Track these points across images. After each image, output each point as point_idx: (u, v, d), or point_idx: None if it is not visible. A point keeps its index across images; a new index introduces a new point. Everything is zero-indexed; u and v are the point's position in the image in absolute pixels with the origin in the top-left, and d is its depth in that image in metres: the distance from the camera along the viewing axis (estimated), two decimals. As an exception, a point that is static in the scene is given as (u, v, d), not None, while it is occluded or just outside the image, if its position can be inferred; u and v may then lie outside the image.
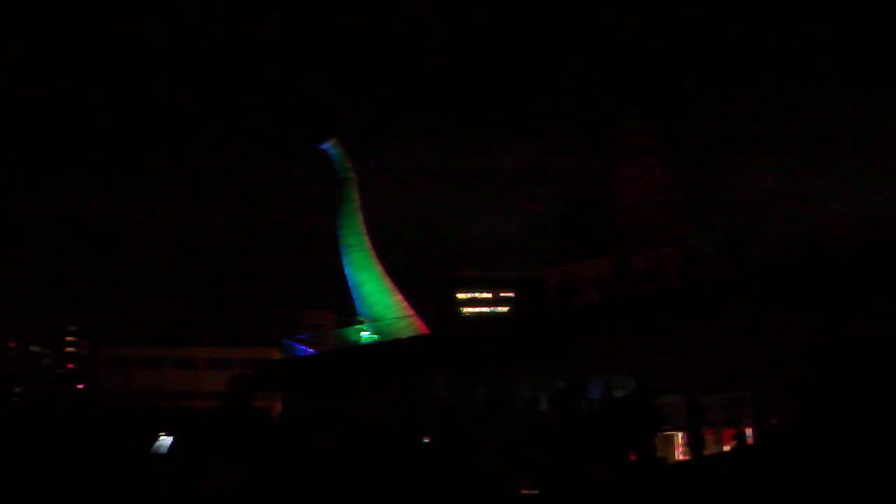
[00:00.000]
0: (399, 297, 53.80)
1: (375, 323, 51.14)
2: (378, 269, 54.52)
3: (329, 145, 55.73)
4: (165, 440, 14.72)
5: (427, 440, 16.84)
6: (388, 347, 42.98)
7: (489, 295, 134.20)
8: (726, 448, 27.98)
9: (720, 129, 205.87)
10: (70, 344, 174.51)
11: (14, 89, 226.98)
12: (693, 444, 23.93)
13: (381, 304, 52.78)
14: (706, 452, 25.12)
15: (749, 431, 27.87)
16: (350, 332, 52.33)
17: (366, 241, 55.09)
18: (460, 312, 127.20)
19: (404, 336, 45.51)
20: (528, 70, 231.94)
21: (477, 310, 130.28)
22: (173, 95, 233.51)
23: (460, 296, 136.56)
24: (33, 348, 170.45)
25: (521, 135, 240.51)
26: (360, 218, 55.48)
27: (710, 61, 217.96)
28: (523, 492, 16.21)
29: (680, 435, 30.40)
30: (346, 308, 62.35)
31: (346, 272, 54.79)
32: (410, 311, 52.23)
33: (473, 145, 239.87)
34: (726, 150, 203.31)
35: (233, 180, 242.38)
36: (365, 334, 50.70)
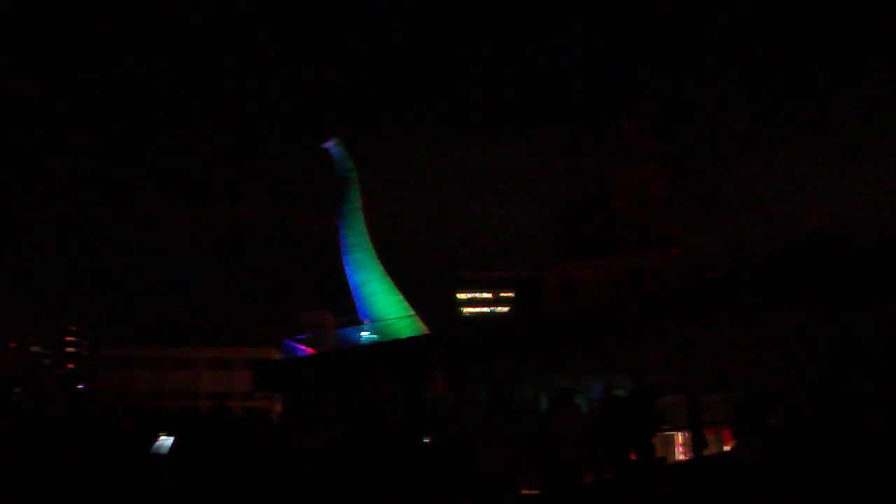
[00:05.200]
0: (399, 297, 53.85)
1: (376, 323, 51.18)
2: (378, 269, 54.55)
3: (331, 144, 55.75)
4: (165, 440, 14.63)
5: (427, 440, 16.88)
6: (389, 347, 42.99)
7: (489, 295, 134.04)
8: (726, 448, 27.97)
9: (720, 129, 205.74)
10: (70, 344, 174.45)
11: (14, 89, 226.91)
12: (694, 444, 23.92)
13: (381, 304, 52.84)
14: (706, 452, 25.12)
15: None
16: (350, 332, 52.42)
17: (367, 240, 55.10)
18: (460, 312, 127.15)
19: (404, 336, 45.54)
20: (528, 69, 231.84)
21: (477, 310, 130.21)
22: (173, 95, 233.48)
23: (460, 296, 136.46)
24: (33, 348, 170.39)
25: (522, 134, 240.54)
26: (361, 218, 55.50)
27: (709, 61, 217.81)
28: (523, 492, 16.17)
29: (680, 435, 30.42)
30: (346, 308, 62.42)
31: (346, 272, 54.80)
32: (411, 311, 52.29)
33: (473, 145, 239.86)
34: (726, 150, 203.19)
35: (233, 180, 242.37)
36: (365, 334, 50.73)
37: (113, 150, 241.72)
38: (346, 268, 54.84)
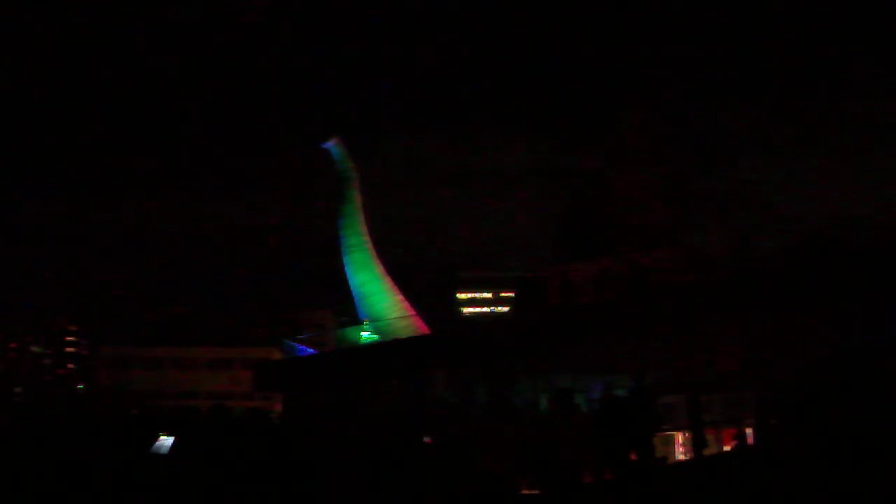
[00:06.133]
0: (399, 297, 53.80)
1: (375, 323, 51.15)
2: (378, 268, 54.50)
3: (331, 144, 55.71)
4: (165, 440, 14.64)
5: (427, 440, 16.89)
6: (389, 347, 42.99)
7: (489, 295, 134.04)
8: (726, 448, 27.98)
9: (721, 128, 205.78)
10: (70, 344, 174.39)
11: (14, 89, 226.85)
12: (695, 444, 23.95)
13: (381, 304, 52.80)
14: (706, 452, 25.12)
15: (749, 431, 27.89)
16: (350, 332, 52.52)
17: (366, 240, 55.05)
18: (460, 312, 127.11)
19: (404, 336, 45.52)
20: (528, 69, 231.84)
21: (477, 310, 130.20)
22: (173, 95, 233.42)
23: (460, 296, 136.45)
24: (33, 348, 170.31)
25: (522, 134, 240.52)
26: (360, 217, 55.44)
27: (710, 60, 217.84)
28: (523, 492, 16.18)
29: (680, 435, 30.40)
30: (346, 308, 62.41)
31: (346, 272, 54.77)
32: (410, 311, 52.23)
33: (473, 144, 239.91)
34: (726, 149, 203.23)
35: (233, 180, 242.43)
36: (365, 334, 50.73)
37: (113, 150, 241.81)
38: (346, 268, 54.81)
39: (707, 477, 15.09)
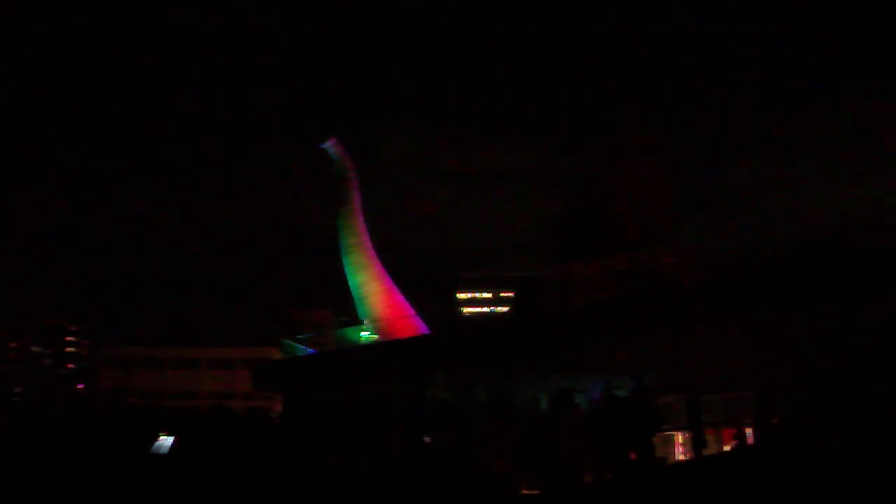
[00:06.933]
0: (399, 297, 53.85)
1: (375, 323, 51.19)
2: (378, 268, 54.55)
3: (329, 145, 55.77)
4: (165, 440, 14.67)
5: (427, 440, 16.90)
6: (389, 347, 42.99)
7: (489, 295, 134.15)
8: (726, 448, 28.00)
9: (720, 128, 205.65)
10: (70, 344, 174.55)
11: (15, 88, 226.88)
12: (695, 443, 23.95)
13: (381, 304, 52.84)
14: (706, 452, 25.12)
15: (749, 431, 27.90)
16: (350, 332, 52.60)
17: (366, 240, 55.11)
18: (460, 312, 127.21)
19: (404, 336, 45.57)
20: (527, 69, 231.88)
21: (477, 310, 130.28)
22: (173, 95, 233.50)
23: (460, 296, 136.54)
24: (33, 348, 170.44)
25: (521, 134, 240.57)
26: (359, 218, 55.50)
27: (710, 60, 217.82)
28: (523, 492, 16.17)
29: (680, 435, 30.41)
30: (346, 308, 62.50)
31: (346, 272, 54.81)
32: (410, 311, 52.29)
33: (473, 145, 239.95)
34: (727, 149, 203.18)
35: (233, 180, 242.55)
36: (365, 334, 50.75)
37: (112, 149, 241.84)
38: (345, 268, 54.86)
39: (707, 477, 15.09)
